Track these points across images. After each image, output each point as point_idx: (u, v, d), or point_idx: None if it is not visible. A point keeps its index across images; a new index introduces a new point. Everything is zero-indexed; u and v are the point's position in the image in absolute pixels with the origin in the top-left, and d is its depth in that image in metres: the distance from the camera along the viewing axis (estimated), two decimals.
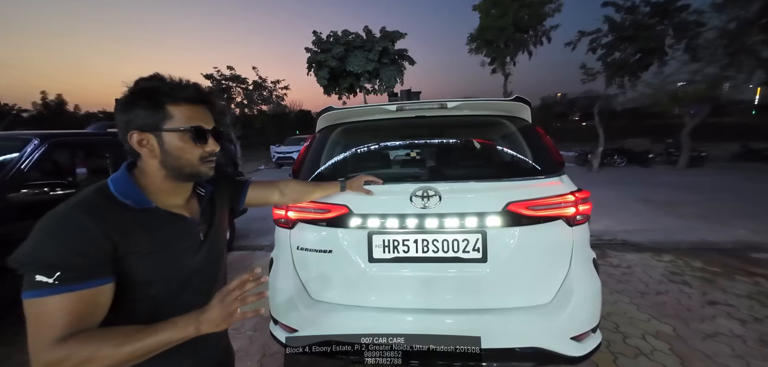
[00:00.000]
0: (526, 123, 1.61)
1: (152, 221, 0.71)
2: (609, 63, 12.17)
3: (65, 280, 0.58)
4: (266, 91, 17.94)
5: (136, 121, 0.69)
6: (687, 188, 8.43)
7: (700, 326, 2.40)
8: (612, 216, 5.78)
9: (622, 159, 14.14)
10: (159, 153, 0.71)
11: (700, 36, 11.14)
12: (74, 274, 0.59)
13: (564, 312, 1.31)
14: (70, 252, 0.59)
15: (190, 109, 0.73)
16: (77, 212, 0.63)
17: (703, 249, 4.04)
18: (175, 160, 0.73)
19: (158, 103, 0.69)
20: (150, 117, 0.69)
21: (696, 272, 3.34)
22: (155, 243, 0.71)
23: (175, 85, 0.71)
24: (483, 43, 14.46)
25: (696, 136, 13.15)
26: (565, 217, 1.35)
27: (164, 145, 0.71)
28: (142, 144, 0.70)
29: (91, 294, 0.62)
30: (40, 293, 0.57)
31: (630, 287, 3.05)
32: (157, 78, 0.70)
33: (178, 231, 0.76)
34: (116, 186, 0.70)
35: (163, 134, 0.70)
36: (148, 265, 0.70)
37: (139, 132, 0.69)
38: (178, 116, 0.71)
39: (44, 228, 0.61)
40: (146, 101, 0.69)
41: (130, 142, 0.70)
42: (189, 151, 0.73)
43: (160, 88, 0.69)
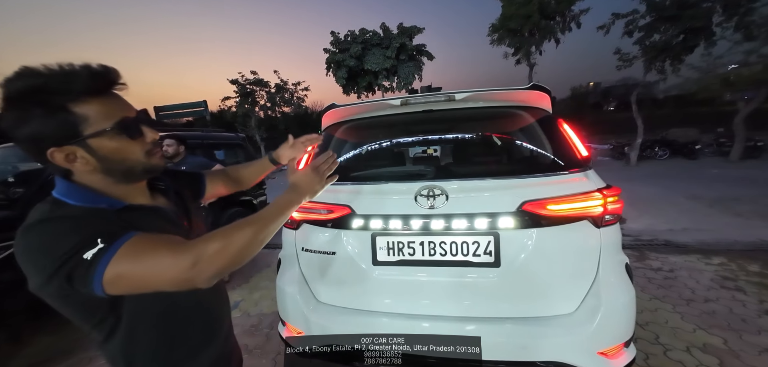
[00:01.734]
0: (546, 113, 1.46)
1: (134, 219, 0.64)
2: (648, 47, 11.17)
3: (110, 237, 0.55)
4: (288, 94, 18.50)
5: (46, 135, 0.56)
6: (742, 182, 7.55)
7: (757, 338, 2.11)
8: (654, 214, 5.31)
9: (665, 151, 13.00)
10: (96, 163, 0.61)
11: (754, 12, 9.90)
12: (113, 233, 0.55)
13: (590, 324, 1.16)
14: (89, 225, 0.56)
15: (102, 103, 0.60)
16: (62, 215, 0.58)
17: (762, 251, 3.58)
18: (120, 164, 0.64)
19: (57, 107, 0.56)
20: (61, 127, 0.57)
21: (752, 277, 2.95)
22: None
23: (68, 78, 0.56)
24: (506, 32, 13.77)
25: (752, 124, 11.75)
26: (591, 217, 1.19)
27: (98, 153, 0.61)
28: (70, 160, 0.59)
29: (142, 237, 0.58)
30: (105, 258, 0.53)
31: (673, 293, 2.75)
32: (37, 74, 0.55)
33: (163, 222, 0.71)
34: (75, 197, 0.61)
35: (90, 142, 0.59)
36: None
37: (59, 148, 0.57)
38: (94, 114, 0.58)
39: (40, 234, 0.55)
40: (41, 109, 0.55)
41: (54, 161, 0.58)
42: (130, 149, 0.64)
43: (51, 87, 0.55)
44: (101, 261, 0.52)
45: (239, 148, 4.78)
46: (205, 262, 0.57)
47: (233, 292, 3.19)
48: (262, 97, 18.19)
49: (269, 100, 18.26)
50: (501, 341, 1.18)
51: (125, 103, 0.65)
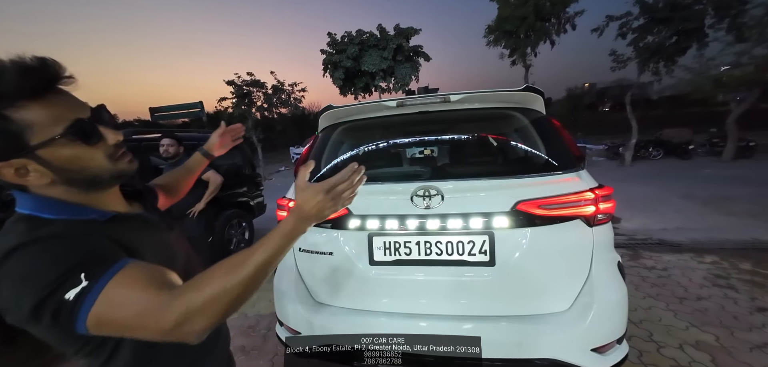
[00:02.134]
0: (539, 115, 1.49)
1: (124, 228, 0.59)
2: (641, 48, 11.31)
3: (95, 274, 0.47)
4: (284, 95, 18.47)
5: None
6: (735, 182, 7.65)
7: (748, 335, 2.15)
8: (648, 213, 5.36)
9: (659, 151, 13.15)
10: (52, 175, 0.53)
11: (745, 13, 10.07)
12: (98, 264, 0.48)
13: (583, 321, 1.18)
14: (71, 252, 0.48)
15: (47, 105, 0.50)
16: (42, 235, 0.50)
17: (753, 249, 3.64)
18: (80, 173, 0.55)
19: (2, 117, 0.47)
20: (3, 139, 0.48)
21: (744, 275, 3.00)
22: (140, 249, 0.59)
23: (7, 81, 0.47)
24: (502, 34, 13.87)
25: (744, 125, 11.92)
26: (584, 216, 1.22)
27: (53, 164, 0.52)
28: (21, 175, 0.51)
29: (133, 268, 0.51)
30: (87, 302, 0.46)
31: (667, 292, 2.79)
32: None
33: (151, 228, 0.66)
34: (52, 210, 0.53)
35: (40, 153, 0.50)
36: None
37: (5, 162, 0.49)
38: (39, 120, 0.49)
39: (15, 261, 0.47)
40: None
41: (2, 177, 0.51)
42: (90, 156, 0.55)
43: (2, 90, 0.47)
44: (85, 302, 0.45)
45: (236, 149, 4.75)
46: (195, 317, 0.47)
47: None
48: (258, 98, 18.13)
49: (266, 101, 18.21)
50: (497, 339, 1.20)
51: (76, 102, 0.55)
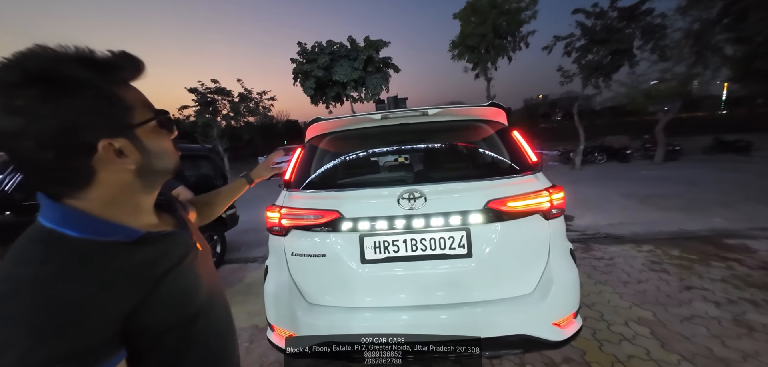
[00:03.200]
0: (502, 126, 1.72)
1: (146, 251, 0.52)
2: (584, 65, 12.75)
3: None
4: (252, 103, 17.97)
5: (93, 125, 0.46)
6: (665, 181, 8.82)
7: (679, 310, 2.54)
8: (596, 212, 5.99)
9: (603, 156, 14.70)
10: (140, 159, 0.51)
11: (666, 37, 11.83)
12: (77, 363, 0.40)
13: (545, 300, 1.39)
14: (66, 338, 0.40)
15: (137, 91, 0.52)
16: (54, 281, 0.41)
17: (681, 238, 4.24)
18: (157, 161, 0.54)
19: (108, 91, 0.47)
20: (110, 114, 0.47)
21: (674, 260, 3.51)
22: (161, 276, 0.53)
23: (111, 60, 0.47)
24: (465, 49, 14.89)
25: (670, 131, 13.82)
26: (541, 211, 1.44)
27: (145, 146, 0.52)
28: (118, 156, 0.49)
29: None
30: None
31: (613, 278, 3.18)
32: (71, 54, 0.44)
33: (179, 248, 0.59)
34: (78, 228, 0.46)
35: (137, 132, 0.51)
36: (162, 308, 0.52)
37: (109, 140, 0.47)
38: (135, 103, 0.51)
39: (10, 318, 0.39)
40: (95, 92, 0.45)
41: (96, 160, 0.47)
42: (167, 143, 0.56)
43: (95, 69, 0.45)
44: None
45: (205, 160, 4.56)
46: None
47: None
48: (224, 106, 17.46)
49: (232, 110, 17.58)
50: (475, 322, 1.36)
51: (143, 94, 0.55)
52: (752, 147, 13.92)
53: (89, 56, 0.45)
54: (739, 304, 2.56)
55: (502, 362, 2.03)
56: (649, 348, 2.11)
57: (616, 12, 11.86)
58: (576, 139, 13.59)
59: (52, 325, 0.39)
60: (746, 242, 3.92)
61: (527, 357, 2.06)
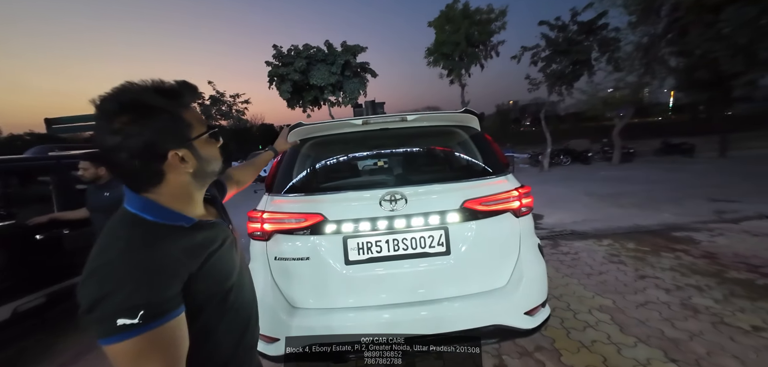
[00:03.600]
0: (475, 131, 1.83)
1: (198, 236, 0.68)
2: (548, 74, 13.67)
3: (150, 317, 0.54)
4: (225, 106, 17.30)
5: (165, 140, 0.62)
6: (622, 181, 9.60)
7: (634, 297, 2.79)
8: (563, 210, 6.40)
9: (567, 158, 15.74)
10: (196, 164, 0.68)
11: (619, 50, 12.99)
12: (156, 309, 0.55)
13: (517, 292, 1.50)
14: (147, 287, 0.56)
15: (194, 110, 0.69)
16: (140, 247, 0.59)
17: (635, 232, 4.65)
18: (208, 165, 0.71)
19: (177, 114, 0.64)
20: (176, 131, 0.64)
21: (630, 253, 3.85)
22: (210, 256, 0.69)
23: (178, 91, 0.65)
24: (440, 56, 15.41)
25: (625, 135, 15.10)
26: (512, 210, 1.56)
27: (200, 154, 0.68)
28: (180, 162, 0.65)
29: (176, 325, 0.59)
30: (127, 335, 0.53)
31: (578, 271, 3.43)
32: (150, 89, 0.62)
33: (217, 236, 0.74)
34: (154, 214, 0.64)
35: (194, 144, 0.67)
36: (208, 280, 0.68)
37: (175, 151, 0.63)
38: (193, 121, 0.67)
39: (108, 270, 0.56)
40: (168, 115, 0.62)
41: (168, 165, 0.64)
42: (216, 151, 0.73)
43: (168, 99, 0.63)
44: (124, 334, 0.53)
45: None
46: None
47: None
48: None
49: (203, 113, 16.82)
50: (454, 315, 1.44)
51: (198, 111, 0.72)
52: (695, 149, 15.57)
53: (162, 87, 0.63)
54: (686, 289, 2.86)
55: (481, 353, 2.14)
56: (610, 333, 2.31)
57: (576, 25, 12.90)
58: (544, 143, 14.44)
59: (140, 280, 0.55)
60: (691, 234, 4.38)
61: (503, 347, 2.18)
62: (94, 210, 2.45)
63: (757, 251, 3.60)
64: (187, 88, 0.67)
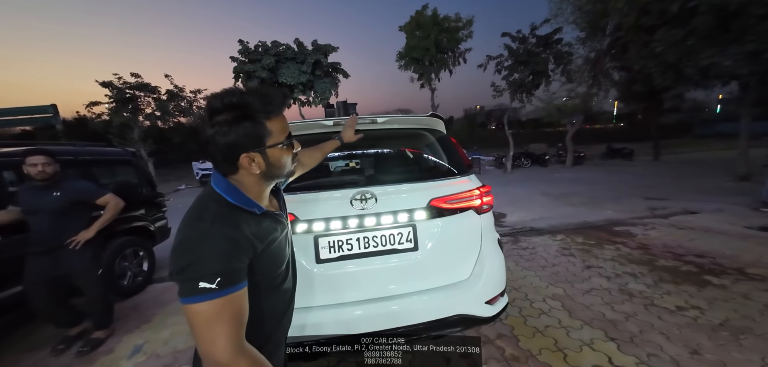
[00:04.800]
0: (441, 134, 1.94)
1: (265, 223, 0.79)
2: (511, 82, 14.59)
3: (225, 284, 0.65)
4: (184, 102, 16.08)
5: (243, 143, 0.71)
6: (574, 182, 10.54)
7: (581, 285, 3.11)
8: (523, 209, 6.88)
9: (528, 161, 16.89)
10: (264, 167, 0.76)
11: (571, 62, 14.25)
12: (230, 278, 0.66)
13: (479, 283, 1.62)
14: (227, 258, 0.67)
15: (281, 120, 0.76)
16: (220, 222, 0.70)
17: (583, 228, 5.14)
18: (277, 170, 0.79)
19: (260, 122, 0.72)
20: (254, 137, 0.72)
21: (579, 246, 4.26)
22: (272, 241, 0.80)
23: (267, 100, 0.73)
24: (411, 60, 15.74)
25: (577, 141, 16.57)
26: (474, 207, 1.68)
27: (269, 160, 0.76)
28: (250, 163, 0.73)
29: (242, 295, 0.70)
30: (206, 297, 0.64)
31: (535, 264, 3.73)
32: (249, 94, 0.71)
33: (280, 225, 0.85)
34: (234, 198, 0.75)
35: (267, 151, 0.75)
36: (271, 261, 0.80)
37: (248, 154, 0.72)
38: (275, 130, 0.75)
39: (196, 240, 0.67)
40: (249, 122, 0.71)
41: (240, 163, 0.73)
42: (287, 158, 0.79)
43: (257, 107, 0.71)
44: (204, 296, 0.64)
45: (127, 165, 4.01)
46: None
47: (131, 335, 2.72)
48: (148, 104, 15.26)
49: (159, 109, 15.43)
50: (422, 308, 1.52)
51: (286, 122, 0.79)
52: (634, 153, 17.54)
53: (259, 95, 0.72)
54: (623, 277, 3.24)
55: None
56: (561, 318, 2.55)
57: (535, 38, 13.93)
58: (507, 146, 15.36)
59: (220, 251, 0.67)
60: (629, 228, 4.95)
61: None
62: (36, 211, 2.21)
63: (682, 242, 4.17)
64: (280, 99, 0.76)
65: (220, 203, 0.73)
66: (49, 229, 2.25)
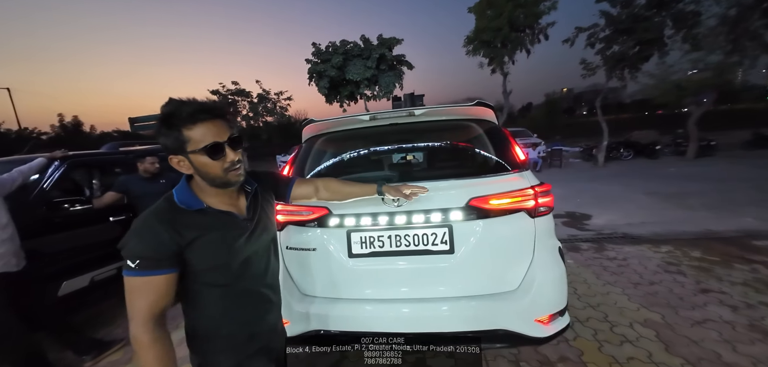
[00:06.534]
0: (491, 124, 1.73)
1: (205, 219, 0.88)
2: (608, 56, 12.12)
3: (142, 267, 0.78)
4: (270, 103, 18.52)
5: (168, 146, 0.84)
6: (696, 178, 8.29)
7: (690, 313, 2.44)
8: (616, 210, 5.76)
9: (629, 152, 13.95)
10: (194, 170, 0.86)
11: (699, 25, 11.02)
12: (148, 263, 0.78)
13: (527, 297, 1.40)
14: (146, 246, 0.79)
15: (204, 127, 0.82)
16: (152, 217, 0.83)
17: (704, 239, 4.02)
18: (205, 175, 0.87)
19: (175, 128, 0.81)
20: (174, 142, 0.83)
21: (693, 262, 3.35)
22: (207, 236, 0.87)
23: (184, 108, 0.81)
24: (480, 44, 14.42)
25: (705, 126, 12.89)
26: (526, 209, 1.45)
27: (194, 164, 0.85)
28: (179, 165, 0.86)
29: (161, 280, 0.80)
30: (128, 273, 0.78)
31: (623, 279, 3.08)
32: (170, 103, 0.82)
33: (226, 224, 0.91)
34: (178, 195, 0.88)
35: (190, 155, 0.84)
36: (204, 255, 0.86)
37: (173, 155, 0.85)
38: (195, 137, 0.82)
39: (133, 227, 0.81)
40: (167, 129, 0.82)
41: (171, 164, 0.86)
42: (212, 166, 0.85)
43: (174, 113, 0.81)
44: (127, 271, 0.79)
45: None
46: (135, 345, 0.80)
47: None
48: (244, 106, 18.16)
49: (251, 110, 18.22)
50: (456, 315, 1.40)
51: (222, 129, 0.85)
52: None
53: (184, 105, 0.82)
54: (758, 308, 2.42)
55: (498, 360, 2.05)
56: (652, 351, 2.05)
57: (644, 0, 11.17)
58: (599, 135, 13.00)
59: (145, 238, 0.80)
60: None
61: (522, 355, 2.07)
62: (146, 196, 2.84)
63: None
64: (197, 109, 0.82)
65: (167, 200, 0.87)
66: None
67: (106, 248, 2.87)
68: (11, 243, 2.02)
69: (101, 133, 39.35)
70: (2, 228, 1.98)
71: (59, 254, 2.56)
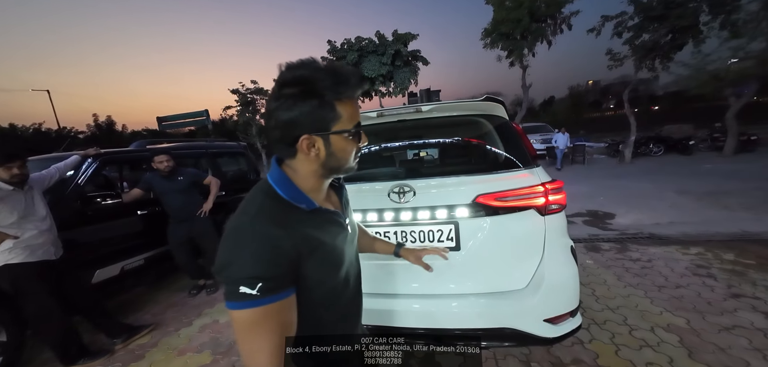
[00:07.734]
0: (502, 120, 1.69)
1: (318, 221, 0.68)
2: (637, 46, 11.42)
3: (266, 291, 0.57)
4: None
5: (305, 123, 0.62)
6: (734, 176, 7.70)
7: (718, 319, 2.30)
8: (642, 209, 5.47)
9: (659, 148, 13.17)
10: (324, 156, 0.66)
11: (739, 10, 10.15)
12: (271, 284, 0.57)
13: (536, 296, 1.38)
14: (266, 262, 0.58)
15: (352, 105, 0.66)
16: (263, 218, 0.61)
17: (740, 240, 3.75)
18: (337, 162, 0.68)
19: (328, 102, 0.62)
20: (320, 118, 0.62)
21: (725, 265, 3.14)
22: (323, 243, 0.68)
23: (341, 79, 0.62)
24: (498, 36, 13.96)
25: (746, 119, 11.92)
26: (536, 207, 1.42)
27: (331, 148, 0.65)
28: (310, 148, 0.64)
29: (287, 305, 0.61)
30: (247, 304, 0.56)
31: (647, 281, 2.94)
32: (320, 69, 0.61)
33: (336, 226, 0.73)
34: (284, 189, 0.66)
35: (331, 137, 0.64)
36: (319, 266, 0.67)
37: (310, 136, 0.63)
38: (344, 115, 0.64)
39: (236, 238, 0.59)
40: (317, 100, 0.61)
41: (298, 146, 0.63)
42: (351, 150, 0.68)
43: (327, 84, 0.61)
44: (245, 303, 0.56)
45: (241, 156, 5.02)
46: None
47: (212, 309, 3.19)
48: (262, 105, 18.69)
49: None
50: (463, 312, 1.40)
51: (359, 111, 0.69)
52: None
53: (334, 71, 0.62)
54: None
55: (508, 359, 2.02)
56: (674, 357, 1.95)
57: None
58: (627, 130, 12.33)
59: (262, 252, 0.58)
60: None
61: (534, 355, 2.03)
62: (167, 192, 3.00)
63: None
64: (355, 81, 0.64)
65: (269, 195, 0.65)
66: (181, 204, 3.08)
67: (134, 239, 3.07)
68: (50, 233, 2.21)
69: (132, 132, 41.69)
70: (41, 220, 2.16)
71: (92, 245, 2.77)
